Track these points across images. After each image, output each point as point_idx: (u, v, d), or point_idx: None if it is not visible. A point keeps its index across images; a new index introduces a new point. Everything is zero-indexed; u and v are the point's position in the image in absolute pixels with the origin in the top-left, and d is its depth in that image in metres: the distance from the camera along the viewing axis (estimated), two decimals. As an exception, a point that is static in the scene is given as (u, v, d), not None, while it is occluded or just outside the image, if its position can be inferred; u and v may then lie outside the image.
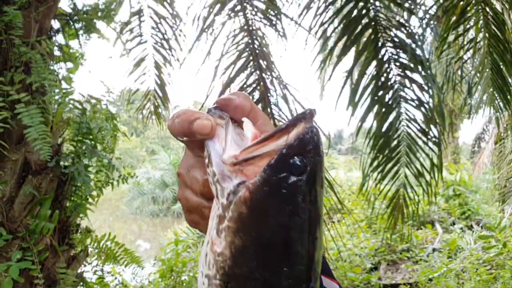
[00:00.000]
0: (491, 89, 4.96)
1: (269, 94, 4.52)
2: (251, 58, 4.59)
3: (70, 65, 4.10)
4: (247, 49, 4.65)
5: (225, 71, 4.58)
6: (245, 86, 4.52)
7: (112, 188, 3.92)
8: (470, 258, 8.30)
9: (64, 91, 3.48)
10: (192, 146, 0.63)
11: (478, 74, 5.18)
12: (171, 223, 16.78)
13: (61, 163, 3.52)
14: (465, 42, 5.24)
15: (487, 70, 4.88)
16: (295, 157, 0.53)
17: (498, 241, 8.47)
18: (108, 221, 19.01)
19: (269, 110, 4.19)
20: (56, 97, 3.44)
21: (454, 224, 11.12)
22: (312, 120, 0.56)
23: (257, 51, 4.62)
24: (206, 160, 0.58)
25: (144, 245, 16.70)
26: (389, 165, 4.86)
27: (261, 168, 0.53)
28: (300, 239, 0.54)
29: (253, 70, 4.58)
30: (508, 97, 4.90)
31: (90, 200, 3.82)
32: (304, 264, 0.55)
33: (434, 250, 9.47)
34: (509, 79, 4.82)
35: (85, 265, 4.14)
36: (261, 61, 4.59)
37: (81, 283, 3.93)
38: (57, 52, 3.97)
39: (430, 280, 7.79)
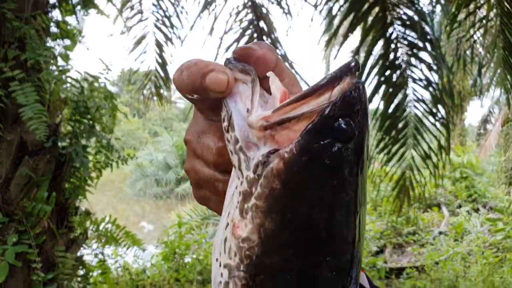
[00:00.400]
0: (503, 69, 4.84)
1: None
2: (255, 35, 4.49)
3: (67, 42, 3.96)
4: (251, 27, 4.54)
5: (228, 49, 4.48)
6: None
7: (112, 169, 3.84)
8: (477, 241, 8.31)
9: (60, 68, 3.36)
10: (202, 107, 0.52)
11: (489, 54, 5.05)
12: (174, 205, 16.85)
13: (59, 143, 3.41)
14: (476, 21, 5.09)
15: (498, 49, 4.75)
16: (341, 120, 0.43)
17: (506, 224, 8.43)
18: (111, 203, 19.13)
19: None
20: (53, 75, 3.31)
21: (460, 206, 11.16)
22: (357, 75, 0.44)
23: (261, 29, 4.51)
24: (225, 123, 0.47)
25: (147, 226, 16.83)
26: (396, 147, 4.82)
27: (298, 133, 0.43)
28: (346, 221, 0.44)
29: (257, 48, 4.46)
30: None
31: (89, 181, 3.73)
32: (350, 253, 0.45)
33: (440, 233, 9.50)
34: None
35: (85, 248, 4.07)
36: (265, 38, 4.49)
37: (81, 267, 3.86)
38: (54, 29, 3.83)
39: (437, 263, 7.81)
